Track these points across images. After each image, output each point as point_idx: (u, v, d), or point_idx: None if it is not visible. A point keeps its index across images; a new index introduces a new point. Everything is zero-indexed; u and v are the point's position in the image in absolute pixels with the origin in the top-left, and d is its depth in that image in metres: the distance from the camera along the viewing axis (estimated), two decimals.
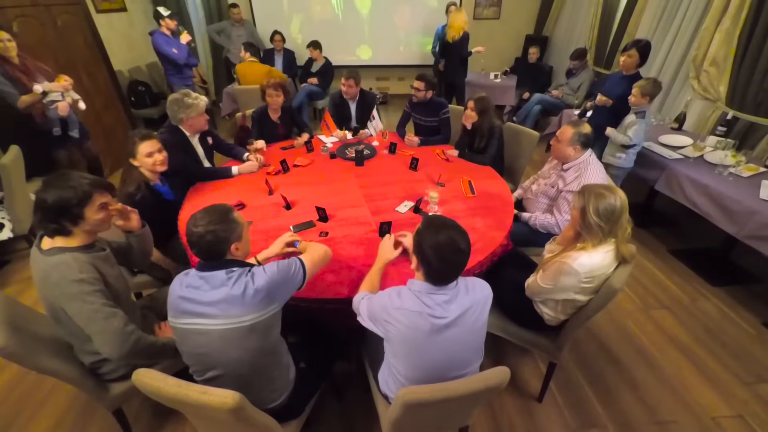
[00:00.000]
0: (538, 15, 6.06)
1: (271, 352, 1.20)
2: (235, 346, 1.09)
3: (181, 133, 2.24)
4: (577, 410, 1.80)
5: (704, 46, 3.08)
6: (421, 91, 2.87)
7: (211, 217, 1.11)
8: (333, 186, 2.27)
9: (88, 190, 1.23)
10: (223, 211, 1.15)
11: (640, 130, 2.59)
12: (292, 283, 1.20)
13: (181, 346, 1.17)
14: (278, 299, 1.15)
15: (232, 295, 1.07)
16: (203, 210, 1.15)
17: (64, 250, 1.21)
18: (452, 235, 1.07)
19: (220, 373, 1.13)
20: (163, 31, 3.78)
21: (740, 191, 2.28)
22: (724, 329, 2.22)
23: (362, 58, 6.22)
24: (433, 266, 1.08)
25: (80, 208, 1.21)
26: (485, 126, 2.57)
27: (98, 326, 1.19)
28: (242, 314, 1.07)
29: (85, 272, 1.19)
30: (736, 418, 1.76)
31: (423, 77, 2.87)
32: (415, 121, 3.13)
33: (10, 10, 3.08)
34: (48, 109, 2.81)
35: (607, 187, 1.39)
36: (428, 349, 1.11)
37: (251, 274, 1.12)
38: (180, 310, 1.10)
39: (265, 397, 1.21)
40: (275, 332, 1.19)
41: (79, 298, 1.17)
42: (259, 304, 1.09)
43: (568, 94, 4.60)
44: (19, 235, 2.51)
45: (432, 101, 2.95)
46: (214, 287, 1.08)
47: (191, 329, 1.09)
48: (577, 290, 1.43)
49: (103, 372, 1.39)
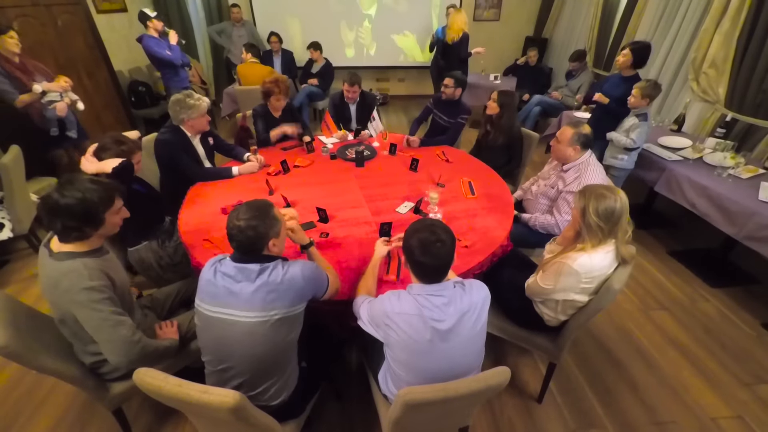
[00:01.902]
0: (538, 16, 6.07)
1: (291, 348, 1.23)
2: (258, 341, 1.11)
3: (182, 134, 2.24)
4: (576, 410, 1.80)
5: (704, 47, 3.09)
6: (449, 88, 2.87)
7: (253, 213, 1.14)
8: (333, 187, 2.28)
9: (111, 194, 1.24)
10: (265, 208, 1.18)
11: (643, 132, 2.60)
12: (319, 288, 1.25)
13: (202, 333, 1.18)
14: (305, 297, 1.20)
15: (264, 289, 1.10)
16: (246, 204, 1.17)
17: (74, 256, 1.20)
18: (433, 229, 1.11)
19: (233, 366, 1.15)
20: (151, 34, 3.62)
21: (739, 192, 2.28)
22: (724, 330, 2.23)
23: (362, 59, 6.22)
24: (418, 261, 1.11)
25: (103, 212, 1.23)
26: (504, 122, 2.60)
27: (106, 334, 1.20)
28: (274, 308, 1.11)
29: (95, 279, 1.19)
30: (736, 419, 1.76)
31: (452, 75, 2.88)
32: (435, 119, 3.13)
33: (10, 10, 3.09)
34: (46, 109, 2.81)
35: (608, 188, 1.39)
36: (430, 358, 1.12)
37: (286, 269, 1.15)
38: (211, 296, 1.13)
39: (273, 393, 1.22)
40: (297, 330, 1.22)
41: (88, 306, 1.17)
42: (292, 300, 1.14)
43: (568, 95, 4.61)
44: (19, 235, 2.51)
45: (459, 102, 2.96)
46: (249, 280, 1.11)
47: (219, 318, 1.11)
48: (577, 291, 1.43)
49: (103, 372, 1.39)
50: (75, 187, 1.17)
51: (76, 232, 1.19)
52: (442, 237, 1.10)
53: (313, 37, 5.24)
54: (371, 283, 1.41)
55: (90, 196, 1.18)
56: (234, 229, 1.13)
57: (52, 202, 1.15)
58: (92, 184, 1.21)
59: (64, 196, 1.15)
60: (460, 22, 4.24)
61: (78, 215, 1.17)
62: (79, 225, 1.18)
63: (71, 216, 1.16)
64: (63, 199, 1.15)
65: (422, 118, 3.22)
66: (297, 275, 1.16)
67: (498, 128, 2.64)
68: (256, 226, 1.12)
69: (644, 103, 2.57)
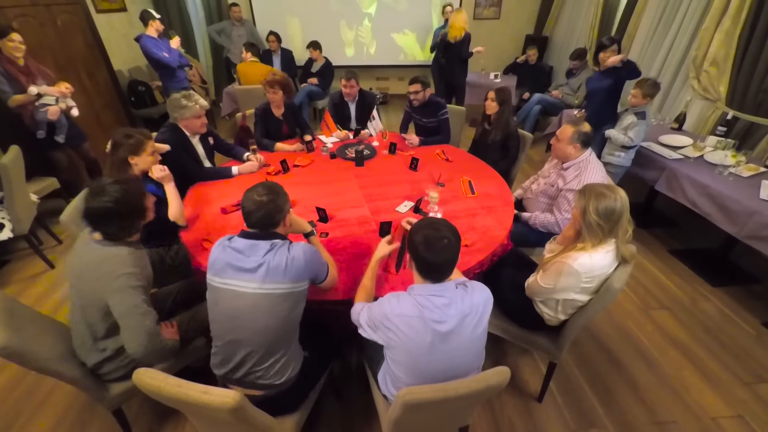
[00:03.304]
0: (538, 15, 6.06)
1: (294, 326, 1.28)
2: (264, 312, 1.17)
3: (181, 133, 2.24)
4: (577, 410, 1.80)
5: (704, 46, 3.09)
6: (419, 93, 2.87)
7: (272, 189, 1.24)
8: (333, 186, 2.27)
9: (137, 183, 1.36)
10: (278, 186, 1.28)
11: (641, 131, 2.61)
12: (320, 271, 1.31)
13: (212, 305, 1.23)
14: (306, 276, 1.25)
15: (272, 264, 1.17)
16: (261, 184, 1.26)
17: (120, 243, 1.29)
18: (438, 227, 1.12)
19: (240, 338, 1.19)
20: (150, 34, 3.60)
21: (740, 191, 2.28)
22: (724, 329, 2.22)
23: (362, 58, 6.21)
24: (422, 258, 1.11)
25: (143, 200, 1.36)
26: (502, 119, 2.61)
27: (134, 321, 1.24)
28: (279, 282, 1.17)
29: (136, 267, 1.27)
30: (736, 418, 1.76)
31: (416, 80, 2.87)
32: (416, 122, 3.14)
33: (10, 10, 3.09)
34: (37, 112, 2.78)
35: (609, 187, 1.39)
36: (429, 359, 1.11)
37: (290, 248, 1.23)
38: (220, 269, 1.19)
39: (279, 369, 1.25)
40: (301, 306, 1.28)
41: (124, 291, 1.23)
42: (295, 276, 1.20)
43: (568, 94, 4.60)
44: (19, 235, 2.51)
45: (431, 102, 2.95)
46: (257, 254, 1.18)
47: (228, 289, 1.18)
48: (577, 290, 1.43)
49: (104, 372, 1.39)
50: (111, 190, 1.25)
51: (130, 228, 1.32)
52: (447, 235, 1.10)
53: (312, 36, 5.24)
54: (369, 288, 1.39)
55: (130, 190, 1.29)
56: (254, 204, 1.20)
57: (103, 209, 1.23)
58: (118, 183, 1.29)
59: (110, 201, 1.23)
60: (461, 21, 4.23)
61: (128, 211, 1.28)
62: (131, 222, 1.31)
63: (124, 215, 1.27)
64: (111, 203, 1.23)
65: (405, 123, 3.20)
66: (299, 255, 1.22)
67: (496, 126, 2.64)
68: (275, 200, 1.22)
69: (645, 101, 2.59)
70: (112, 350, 1.35)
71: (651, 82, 2.57)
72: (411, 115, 3.14)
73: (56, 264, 2.75)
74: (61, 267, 2.73)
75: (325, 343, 1.55)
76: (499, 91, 2.61)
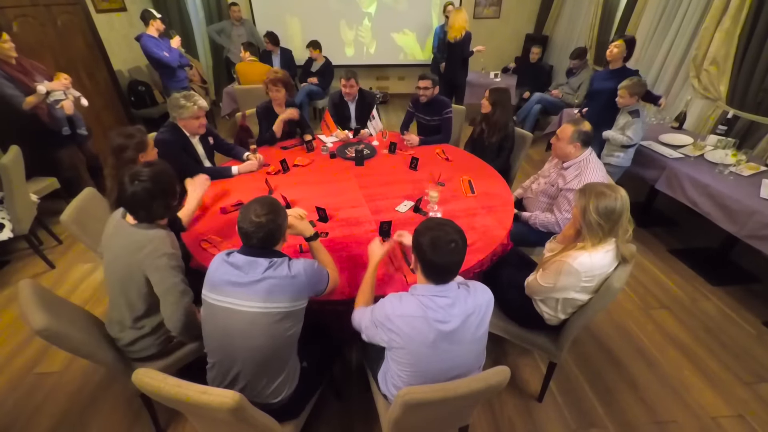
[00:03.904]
0: (538, 14, 6.05)
1: (291, 345, 1.25)
2: (260, 331, 1.14)
3: (181, 132, 2.24)
4: (577, 410, 1.80)
5: (705, 45, 3.08)
6: (428, 90, 2.87)
7: (270, 208, 1.19)
8: (333, 186, 2.27)
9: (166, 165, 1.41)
10: (276, 203, 1.24)
11: (639, 128, 2.61)
12: (319, 285, 1.28)
13: (206, 322, 1.21)
14: (307, 294, 1.23)
15: (269, 282, 1.13)
16: (257, 201, 1.21)
17: (158, 226, 1.37)
18: (446, 229, 1.10)
19: (235, 357, 1.17)
20: (151, 33, 3.60)
21: (741, 190, 2.28)
22: (724, 329, 2.22)
23: (362, 57, 6.21)
24: (429, 260, 1.09)
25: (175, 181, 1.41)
26: (498, 120, 2.59)
27: (174, 297, 1.31)
28: (279, 301, 1.14)
29: (175, 248, 1.36)
30: (736, 418, 1.76)
31: (426, 76, 2.87)
32: (419, 121, 3.13)
33: (10, 10, 3.08)
34: (54, 109, 2.81)
35: (609, 186, 1.38)
36: (431, 359, 1.11)
37: (290, 265, 1.19)
38: (217, 286, 1.16)
39: (275, 389, 1.23)
40: (298, 327, 1.24)
41: (166, 270, 1.30)
42: (296, 294, 1.17)
43: (568, 93, 4.59)
44: (19, 235, 2.51)
45: (436, 100, 2.95)
46: (256, 271, 1.14)
47: (224, 307, 1.14)
48: (577, 289, 1.43)
49: (136, 349, 1.45)
50: (146, 171, 1.30)
51: (165, 209, 1.38)
52: (454, 237, 1.08)
53: (312, 35, 5.23)
54: (368, 293, 1.38)
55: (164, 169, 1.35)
56: (253, 226, 1.16)
57: (142, 190, 1.28)
58: (148, 166, 1.34)
59: (148, 180, 1.28)
60: (461, 21, 4.22)
61: (163, 189, 1.33)
62: (166, 201, 1.36)
63: (160, 194, 1.32)
64: (148, 183, 1.28)
65: (407, 122, 3.19)
66: (300, 273, 1.19)
67: (492, 126, 2.63)
68: (275, 219, 1.18)
69: (633, 101, 2.60)
70: (150, 328, 1.43)
71: (636, 80, 2.57)
72: (413, 114, 3.13)
73: (56, 264, 2.75)
74: (62, 267, 2.73)
75: (325, 347, 1.54)
76: (493, 91, 2.60)
